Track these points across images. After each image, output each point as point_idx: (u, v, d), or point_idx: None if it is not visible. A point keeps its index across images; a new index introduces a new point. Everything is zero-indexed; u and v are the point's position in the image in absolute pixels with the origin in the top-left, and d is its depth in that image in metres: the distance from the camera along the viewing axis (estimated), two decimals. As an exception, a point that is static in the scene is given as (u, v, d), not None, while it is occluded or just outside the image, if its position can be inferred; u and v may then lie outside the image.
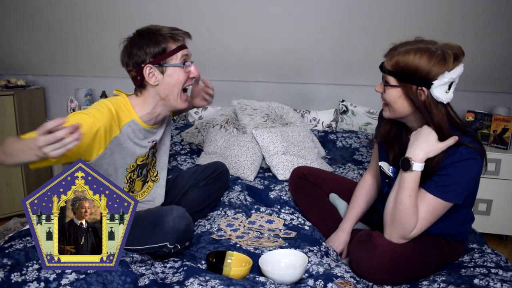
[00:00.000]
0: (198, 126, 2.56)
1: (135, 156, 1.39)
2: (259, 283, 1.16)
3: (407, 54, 1.18)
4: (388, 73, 1.23)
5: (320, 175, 1.73)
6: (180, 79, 1.32)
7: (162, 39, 1.29)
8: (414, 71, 1.17)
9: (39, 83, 3.00)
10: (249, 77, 2.86)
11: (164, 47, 1.28)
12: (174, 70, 1.31)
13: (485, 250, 1.45)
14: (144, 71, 1.29)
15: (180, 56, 1.31)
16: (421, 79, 1.17)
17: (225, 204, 1.78)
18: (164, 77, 1.31)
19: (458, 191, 1.20)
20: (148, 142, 1.42)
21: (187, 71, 1.34)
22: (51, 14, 2.50)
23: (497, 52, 2.41)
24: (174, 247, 1.27)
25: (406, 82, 1.20)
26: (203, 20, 2.46)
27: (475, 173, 1.21)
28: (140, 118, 1.36)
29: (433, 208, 1.22)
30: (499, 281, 1.18)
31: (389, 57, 1.22)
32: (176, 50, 1.30)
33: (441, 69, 1.15)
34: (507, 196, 2.35)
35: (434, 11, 2.24)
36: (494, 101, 2.68)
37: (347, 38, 2.46)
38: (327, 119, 2.74)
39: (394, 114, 1.28)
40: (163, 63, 1.29)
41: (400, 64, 1.19)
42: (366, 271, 1.25)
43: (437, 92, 1.17)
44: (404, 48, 1.20)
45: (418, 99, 1.20)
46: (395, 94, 1.23)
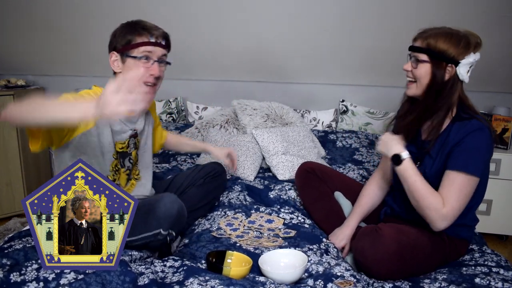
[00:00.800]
0: (198, 126, 2.56)
1: (114, 141, 1.40)
2: (259, 283, 1.16)
3: (439, 36, 1.32)
4: (421, 51, 1.34)
5: (327, 171, 1.75)
6: (138, 72, 1.31)
7: (132, 31, 1.34)
8: (445, 50, 1.31)
9: (39, 83, 3.00)
10: (249, 77, 2.86)
11: (129, 39, 1.33)
12: (133, 63, 1.34)
13: (485, 251, 1.45)
14: (110, 57, 1.37)
15: (141, 51, 1.33)
16: (451, 58, 1.31)
17: (225, 204, 1.78)
18: (124, 67, 1.35)
19: (477, 162, 1.28)
20: (129, 129, 1.44)
21: (147, 66, 1.35)
22: (51, 14, 2.50)
23: (497, 52, 2.41)
24: (169, 234, 1.27)
25: (437, 59, 1.32)
26: (203, 20, 2.46)
27: (486, 143, 1.29)
28: None
29: (463, 186, 1.28)
30: (500, 281, 1.18)
31: (422, 38, 1.35)
32: (138, 44, 1.33)
33: (467, 51, 1.31)
34: (507, 196, 2.35)
35: (434, 11, 2.24)
36: (494, 101, 2.68)
37: (347, 38, 2.46)
38: (327, 119, 2.74)
39: (421, 90, 1.37)
40: (126, 53, 1.34)
41: (432, 44, 1.32)
42: (371, 260, 1.27)
43: (463, 70, 1.32)
44: (435, 31, 1.34)
45: (443, 76, 1.32)
46: (427, 69, 1.34)
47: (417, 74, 1.36)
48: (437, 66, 1.32)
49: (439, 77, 1.32)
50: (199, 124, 2.57)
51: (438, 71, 1.32)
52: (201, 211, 1.70)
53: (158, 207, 1.26)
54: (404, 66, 1.41)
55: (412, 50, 1.38)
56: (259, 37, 2.54)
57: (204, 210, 1.71)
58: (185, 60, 2.73)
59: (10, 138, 2.60)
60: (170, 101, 2.85)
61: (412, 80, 1.39)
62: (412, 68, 1.38)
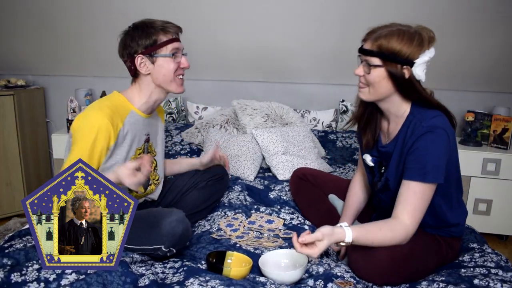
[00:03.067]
0: (198, 126, 2.56)
1: (135, 148, 1.43)
2: (259, 283, 1.16)
3: (390, 36, 1.23)
4: (373, 54, 1.25)
5: (319, 176, 1.75)
6: (170, 68, 1.39)
7: (154, 31, 1.37)
8: (398, 51, 1.22)
9: (39, 83, 3.00)
10: (249, 77, 2.86)
11: (155, 39, 1.36)
12: (164, 61, 1.38)
13: (485, 250, 1.44)
14: (136, 61, 1.37)
15: (171, 49, 1.39)
16: (405, 59, 1.22)
17: (225, 205, 1.78)
18: (154, 67, 1.38)
19: (435, 169, 1.22)
20: (144, 134, 1.48)
21: (177, 61, 1.41)
22: (51, 14, 2.50)
23: (497, 52, 2.41)
24: (169, 250, 1.27)
25: (391, 62, 1.24)
26: (203, 20, 2.46)
27: (441, 145, 1.22)
28: (138, 109, 1.43)
29: (420, 193, 1.23)
30: (499, 282, 1.18)
31: (372, 40, 1.26)
32: (166, 42, 1.38)
33: (421, 48, 1.22)
34: (507, 196, 2.35)
35: (434, 11, 2.24)
36: (494, 101, 2.68)
37: (347, 38, 2.46)
38: (327, 119, 2.74)
39: (375, 96, 1.31)
40: (154, 53, 1.37)
41: (384, 45, 1.23)
42: (364, 274, 1.25)
43: (419, 71, 1.23)
44: (385, 31, 1.25)
45: (403, 77, 1.24)
46: (380, 74, 1.26)
47: (370, 79, 1.27)
48: (392, 68, 1.24)
49: (400, 77, 1.24)
50: (199, 124, 2.57)
51: (396, 72, 1.24)
52: (203, 213, 1.70)
53: (163, 224, 1.24)
54: (355, 71, 1.32)
55: (362, 53, 1.29)
56: (259, 37, 2.54)
57: (206, 212, 1.71)
58: (185, 60, 2.72)
59: (10, 138, 2.60)
60: (170, 101, 2.85)
61: (365, 85, 1.31)
62: (365, 73, 1.29)
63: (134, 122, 1.41)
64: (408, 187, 1.24)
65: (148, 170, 1.20)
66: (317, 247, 1.17)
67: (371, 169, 1.45)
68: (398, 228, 1.23)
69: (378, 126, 1.41)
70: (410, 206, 1.23)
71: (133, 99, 1.42)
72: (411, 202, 1.23)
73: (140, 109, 1.43)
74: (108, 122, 1.28)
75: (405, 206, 1.24)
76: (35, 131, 2.83)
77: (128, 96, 1.42)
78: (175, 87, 1.43)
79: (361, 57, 1.30)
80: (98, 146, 1.28)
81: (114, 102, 1.38)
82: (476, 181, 2.36)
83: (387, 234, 1.22)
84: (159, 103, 1.49)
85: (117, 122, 1.33)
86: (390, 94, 1.30)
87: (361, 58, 1.30)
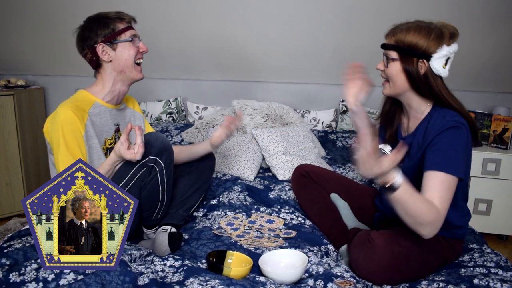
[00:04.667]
0: (198, 126, 2.57)
1: (103, 138, 1.49)
2: (259, 283, 1.16)
3: (408, 31, 1.26)
4: (390, 48, 1.29)
5: (322, 173, 1.73)
6: (131, 53, 1.47)
7: (110, 21, 1.45)
8: (414, 44, 1.25)
9: (39, 83, 3.00)
10: (249, 77, 2.86)
11: (113, 27, 1.44)
12: (124, 46, 1.46)
13: (485, 250, 1.45)
14: (98, 50, 1.44)
15: (129, 35, 1.46)
16: (421, 52, 1.24)
17: (225, 204, 1.78)
18: (116, 53, 1.45)
19: (458, 162, 1.20)
20: (113, 124, 1.54)
21: (136, 45, 1.48)
22: (51, 14, 2.50)
23: (497, 52, 2.41)
24: (156, 162, 1.35)
25: (407, 55, 1.26)
26: (203, 20, 2.46)
27: (463, 141, 1.23)
28: (102, 99, 1.49)
29: (447, 183, 1.19)
30: (499, 281, 1.18)
31: (391, 35, 1.30)
32: (124, 29, 1.46)
33: (439, 43, 1.24)
34: (507, 196, 2.35)
35: (434, 11, 2.24)
36: (494, 101, 2.68)
37: (347, 38, 2.46)
38: (327, 119, 2.74)
39: (394, 90, 1.34)
40: (114, 40, 1.44)
41: (401, 39, 1.27)
42: (366, 272, 1.25)
43: (436, 65, 1.24)
44: (404, 25, 1.29)
45: (418, 71, 1.26)
46: (397, 68, 1.29)
47: (388, 73, 1.32)
48: (407, 62, 1.26)
49: (414, 73, 1.26)
50: (199, 124, 2.57)
51: (410, 68, 1.26)
52: (195, 196, 1.68)
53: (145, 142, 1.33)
54: (377, 66, 1.37)
55: (383, 48, 1.33)
56: (259, 37, 2.54)
57: (198, 196, 1.70)
58: (185, 60, 2.73)
59: (10, 138, 2.60)
60: (170, 101, 2.85)
61: (386, 80, 1.36)
62: (384, 68, 1.34)
63: (99, 113, 1.47)
64: (434, 176, 1.19)
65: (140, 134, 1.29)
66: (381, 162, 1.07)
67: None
68: (432, 206, 1.15)
69: (397, 121, 1.44)
70: (439, 192, 1.17)
71: (96, 92, 1.50)
72: (438, 189, 1.18)
73: (104, 99, 1.50)
74: (71, 113, 1.36)
75: (434, 192, 1.17)
76: (35, 131, 2.83)
77: (91, 91, 1.50)
78: (136, 73, 1.50)
79: (383, 53, 1.34)
80: (71, 136, 1.35)
81: (76, 98, 1.46)
82: (476, 181, 2.36)
83: (425, 204, 1.13)
84: (123, 94, 1.55)
85: (81, 113, 1.40)
86: (406, 90, 1.32)
87: (383, 54, 1.34)
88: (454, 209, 1.34)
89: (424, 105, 1.33)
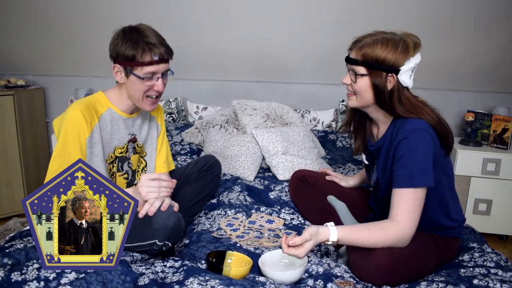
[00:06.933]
0: (198, 126, 2.57)
1: (113, 146, 1.44)
2: (259, 283, 1.16)
3: (375, 45, 1.25)
4: (358, 63, 1.28)
5: (318, 177, 1.77)
6: (140, 88, 1.35)
7: (137, 46, 1.30)
8: (383, 59, 1.24)
9: (39, 83, 3.00)
10: (249, 77, 2.86)
11: (134, 55, 1.30)
12: (136, 80, 1.34)
13: (485, 250, 1.44)
14: (113, 68, 1.36)
15: (145, 71, 1.32)
16: (390, 67, 1.24)
17: (225, 204, 1.78)
18: (128, 80, 1.36)
19: (422, 172, 1.21)
20: (127, 134, 1.48)
21: (149, 84, 1.35)
22: (51, 14, 2.50)
23: (497, 52, 2.41)
24: (164, 244, 1.27)
25: (376, 70, 1.26)
26: (203, 20, 2.46)
27: (423, 147, 1.22)
28: (116, 106, 1.43)
29: (412, 199, 1.23)
30: (498, 282, 1.18)
31: (357, 49, 1.28)
32: (143, 63, 1.31)
33: (406, 56, 1.24)
34: (507, 196, 2.35)
35: (434, 12, 2.24)
36: (494, 101, 2.69)
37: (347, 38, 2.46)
38: (327, 119, 2.74)
39: (361, 103, 1.34)
40: (130, 68, 1.33)
41: (369, 54, 1.25)
42: (364, 274, 1.25)
43: (404, 77, 1.25)
44: (369, 39, 1.27)
45: (385, 86, 1.26)
46: (366, 83, 1.29)
47: (357, 88, 1.30)
48: (376, 77, 1.26)
49: (382, 87, 1.26)
50: (199, 124, 2.57)
51: (379, 83, 1.26)
52: (199, 205, 1.70)
53: (154, 218, 1.26)
54: (342, 80, 1.35)
55: (348, 62, 1.31)
56: (259, 37, 2.54)
57: (202, 204, 1.71)
58: (185, 60, 2.73)
59: (10, 138, 2.60)
60: (170, 101, 2.85)
61: (352, 93, 1.34)
62: (351, 82, 1.31)
63: (111, 120, 1.42)
64: (399, 193, 1.24)
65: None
66: (303, 247, 1.19)
67: (367, 167, 1.49)
68: (391, 228, 1.22)
69: (367, 132, 1.46)
70: (404, 206, 1.23)
71: (113, 98, 1.43)
72: (404, 203, 1.23)
73: (119, 107, 1.44)
74: (80, 114, 1.30)
75: (398, 207, 1.23)
76: (35, 131, 2.83)
77: (109, 95, 1.43)
78: (144, 105, 1.40)
79: (348, 66, 1.32)
80: (73, 137, 1.30)
81: (92, 99, 1.40)
82: (476, 181, 2.36)
83: (377, 233, 1.21)
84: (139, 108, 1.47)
85: (91, 117, 1.34)
86: (372, 104, 1.33)
87: (348, 67, 1.33)
88: (442, 211, 1.35)
89: (388, 116, 1.34)
